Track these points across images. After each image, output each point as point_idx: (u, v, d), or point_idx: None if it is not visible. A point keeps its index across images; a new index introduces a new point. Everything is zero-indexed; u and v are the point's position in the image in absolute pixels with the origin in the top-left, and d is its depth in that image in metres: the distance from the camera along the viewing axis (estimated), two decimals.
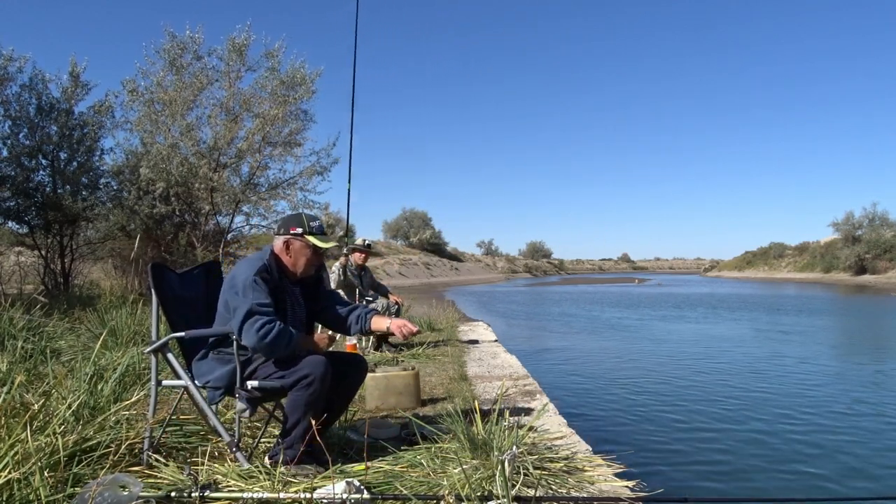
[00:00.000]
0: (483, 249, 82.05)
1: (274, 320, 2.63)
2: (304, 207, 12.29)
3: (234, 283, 2.72)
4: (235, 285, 2.70)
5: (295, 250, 2.86)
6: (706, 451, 5.16)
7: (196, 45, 11.83)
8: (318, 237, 2.86)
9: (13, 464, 2.14)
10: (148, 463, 2.67)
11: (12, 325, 5.29)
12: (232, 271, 2.82)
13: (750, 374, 8.76)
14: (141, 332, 5.50)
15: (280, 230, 2.89)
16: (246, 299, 2.63)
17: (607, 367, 9.44)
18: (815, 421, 6.12)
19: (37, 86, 11.56)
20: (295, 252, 2.86)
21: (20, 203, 11.45)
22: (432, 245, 63.91)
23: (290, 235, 2.85)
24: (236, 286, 2.69)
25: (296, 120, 12.14)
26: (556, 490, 2.62)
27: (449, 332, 9.10)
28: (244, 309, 2.61)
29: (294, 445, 2.64)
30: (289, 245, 2.85)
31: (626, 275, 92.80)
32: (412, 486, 2.53)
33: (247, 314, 2.61)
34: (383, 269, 41.26)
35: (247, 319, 2.60)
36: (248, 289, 2.65)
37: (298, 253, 2.86)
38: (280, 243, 2.87)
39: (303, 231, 2.84)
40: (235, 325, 2.64)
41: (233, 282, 2.73)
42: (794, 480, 4.51)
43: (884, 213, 52.77)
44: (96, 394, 3.20)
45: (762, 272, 65.68)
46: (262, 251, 2.90)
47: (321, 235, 2.87)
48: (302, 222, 2.86)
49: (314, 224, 2.87)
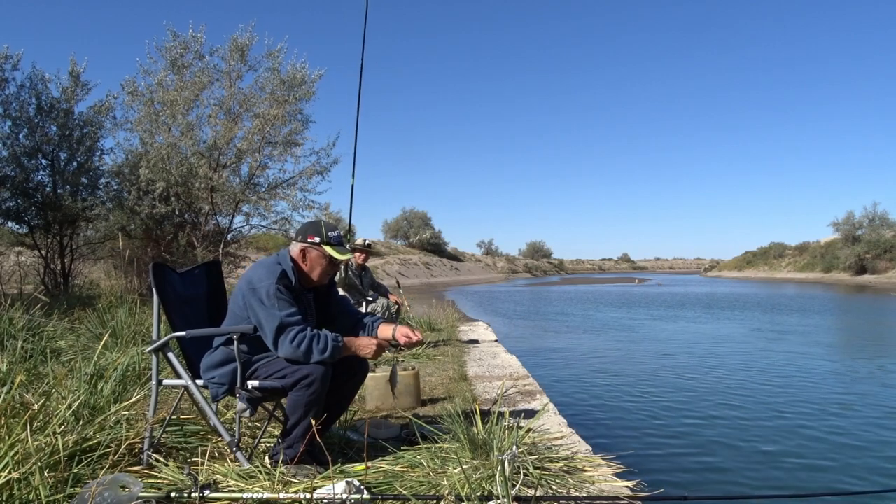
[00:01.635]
0: (483, 249, 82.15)
1: (305, 328, 2.64)
2: (304, 207, 12.30)
3: (254, 289, 2.69)
4: (258, 293, 2.67)
5: (312, 259, 2.86)
6: (706, 451, 5.17)
7: (198, 44, 11.84)
8: (336, 248, 2.86)
9: (13, 464, 2.14)
10: (148, 463, 2.66)
11: (12, 325, 5.29)
12: (248, 274, 2.79)
13: (750, 373, 8.77)
14: (141, 332, 5.50)
15: (298, 237, 2.89)
16: (272, 312, 2.63)
17: (607, 368, 9.44)
18: (815, 419, 6.13)
19: (37, 85, 11.57)
20: (311, 261, 2.87)
21: (20, 203, 11.45)
22: (432, 245, 63.90)
23: (307, 244, 2.85)
24: (259, 295, 2.66)
25: (295, 120, 12.14)
26: (556, 490, 2.62)
27: (449, 332, 9.09)
28: (274, 324, 2.62)
29: (294, 445, 2.64)
30: (306, 253, 2.86)
31: (626, 275, 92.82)
32: (412, 486, 2.53)
33: (278, 329, 2.62)
34: (383, 269, 41.24)
35: (279, 334, 2.62)
36: (273, 298, 2.64)
37: (315, 262, 2.87)
38: (297, 250, 2.86)
39: (321, 241, 2.84)
40: (269, 341, 2.64)
41: (252, 286, 2.70)
42: (793, 478, 4.52)
43: (884, 213, 52.90)
44: (96, 394, 3.20)
45: (762, 272, 65.68)
46: (279, 255, 2.88)
47: (339, 247, 2.88)
48: (320, 231, 2.86)
49: (332, 234, 2.87)
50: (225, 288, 3.31)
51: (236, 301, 2.78)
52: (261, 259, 3.01)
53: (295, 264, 2.85)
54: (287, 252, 2.90)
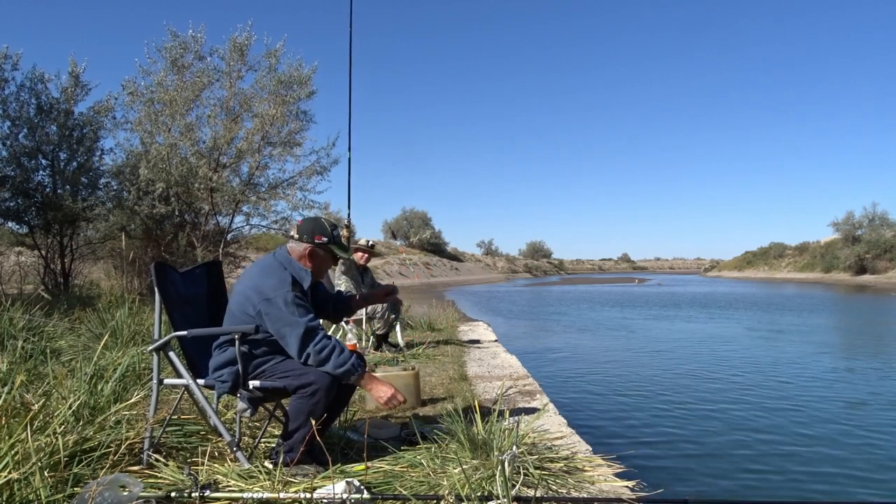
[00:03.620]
0: (483, 249, 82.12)
1: (330, 336, 2.68)
2: (304, 207, 12.29)
3: (268, 299, 2.65)
4: (274, 304, 2.63)
5: (320, 259, 2.89)
6: (707, 451, 5.16)
7: (198, 44, 11.84)
8: (339, 247, 2.92)
9: (13, 464, 2.14)
10: (148, 463, 2.67)
11: (12, 325, 5.29)
12: (255, 281, 2.74)
13: (751, 373, 8.76)
14: (141, 332, 5.50)
15: (304, 237, 2.86)
16: (295, 320, 2.62)
17: (608, 367, 9.44)
18: (818, 421, 6.11)
19: (36, 86, 11.56)
20: (320, 261, 2.90)
21: (20, 203, 11.44)
22: (432, 245, 63.90)
23: (314, 244, 2.86)
24: (277, 304, 2.63)
25: (295, 119, 12.15)
26: (556, 490, 2.62)
27: (449, 332, 9.09)
28: (300, 330, 2.61)
29: (294, 448, 2.64)
30: (313, 254, 2.87)
31: (626, 275, 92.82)
32: (412, 486, 2.53)
33: (304, 335, 2.61)
34: (383, 269, 41.23)
35: (307, 340, 2.62)
36: (292, 306, 2.63)
37: (323, 262, 2.91)
38: (303, 250, 2.86)
39: (328, 241, 2.87)
40: (294, 349, 2.62)
41: (265, 297, 2.65)
42: (794, 481, 4.51)
43: (884, 213, 52.92)
44: (96, 394, 3.20)
45: (762, 272, 65.69)
46: (281, 257, 2.85)
47: (341, 245, 2.94)
48: (326, 231, 2.88)
49: (336, 233, 2.92)
50: (226, 288, 3.30)
51: (239, 304, 2.75)
52: (259, 259, 3.00)
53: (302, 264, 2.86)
54: (286, 251, 2.88)
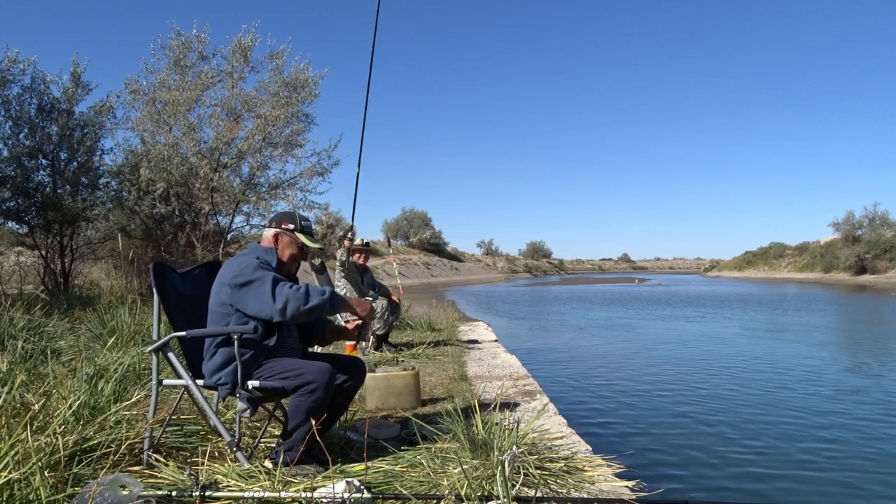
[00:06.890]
0: (483, 249, 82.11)
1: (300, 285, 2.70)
2: (305, 208, 12.32)
3: (235, 276, 2.71)
4: (242, 276, 2.70)
5: (283, 243, 2.97)
6: (707, 452, 5.15)
7: (202, 44, 11.85)
8: (308, 236, 2.99)
9: (13, 464, 2.14)
10: (148, 463, 2.67)
11: (12, 325, 5.29)
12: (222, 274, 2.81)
13: (751, 373, 8.76)
14: (141, 332, 5.50)
15: (272, 223, 3.01)
16: (261, 276, 2.68)
17: (608, 367, 9.44)
18: (819, 423, 6.10)
19: (38, 86, 11.56)
20: (283, 245, 2.97)
21: (20, 203, 11.43)
22: (432, 245, 63.89)
23: (281, 229, 2.97)
24: (244, 275, 2.69)
25: (297, 121, 12.16)
26: (556, 490, 2.62)
27: (449, 332, 9.09)
28: (267, 282, 2.65)
29: (294, 447, 2.64)
30: (278, 238, 2.96)
31: (626, 275, 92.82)
32: (412, 486, 2.54)
33: (272, 283, 2.65)
34: (383, 269, 41.22)
35: (275, 286, 2.65)
36: (258, 270, 2.70)
37: (286, 246, 2.97)
38: (270, 235, 2.97)
39: (294, 228, 2.97)
40: (266, 300, 2.63)
41: (232, 276, 2.72)
42: (794, 481, 4.51)
43: (884, 213, 52.82)
44: (96, 394, 3.20)
45: (762, 272, 65.66)
46: (249, 248, 2.95)
47: (310, 235, 3.01)
48: (294, 219, 3.00)
49: (305, 224, 3.00)
50: None
51: (215, 295, 2.80)
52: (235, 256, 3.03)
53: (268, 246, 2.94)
54: (256, 244, 2.99)
